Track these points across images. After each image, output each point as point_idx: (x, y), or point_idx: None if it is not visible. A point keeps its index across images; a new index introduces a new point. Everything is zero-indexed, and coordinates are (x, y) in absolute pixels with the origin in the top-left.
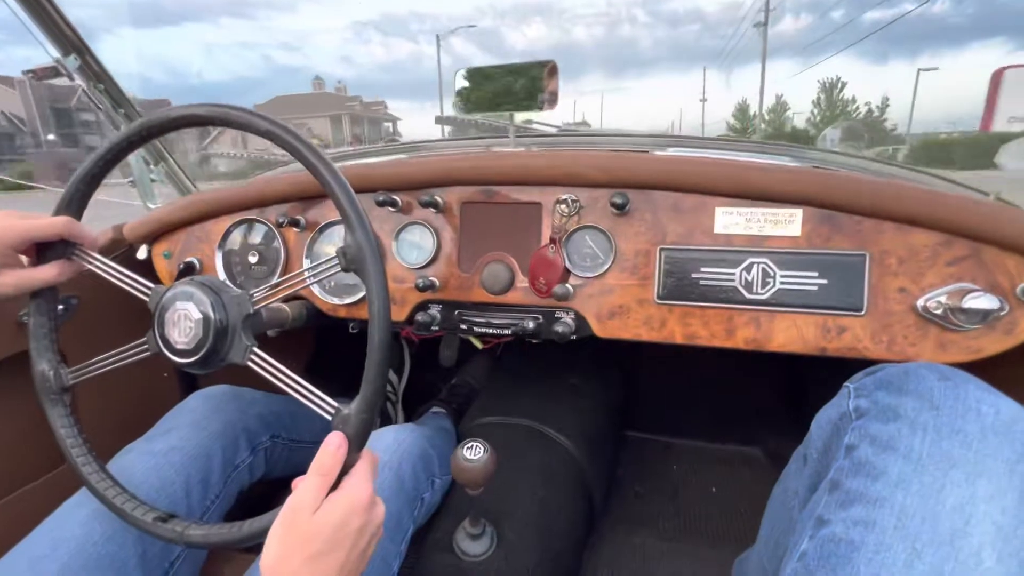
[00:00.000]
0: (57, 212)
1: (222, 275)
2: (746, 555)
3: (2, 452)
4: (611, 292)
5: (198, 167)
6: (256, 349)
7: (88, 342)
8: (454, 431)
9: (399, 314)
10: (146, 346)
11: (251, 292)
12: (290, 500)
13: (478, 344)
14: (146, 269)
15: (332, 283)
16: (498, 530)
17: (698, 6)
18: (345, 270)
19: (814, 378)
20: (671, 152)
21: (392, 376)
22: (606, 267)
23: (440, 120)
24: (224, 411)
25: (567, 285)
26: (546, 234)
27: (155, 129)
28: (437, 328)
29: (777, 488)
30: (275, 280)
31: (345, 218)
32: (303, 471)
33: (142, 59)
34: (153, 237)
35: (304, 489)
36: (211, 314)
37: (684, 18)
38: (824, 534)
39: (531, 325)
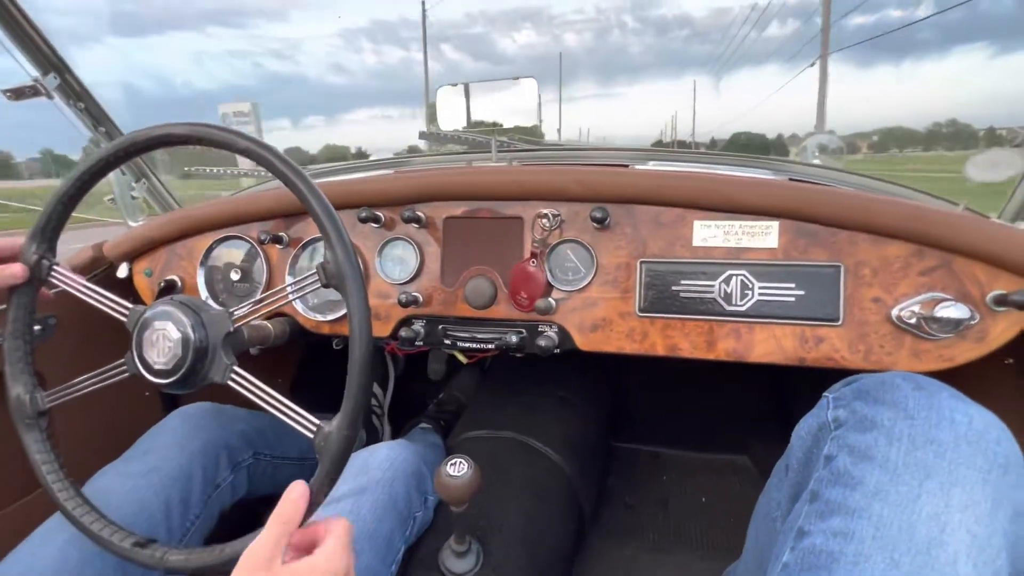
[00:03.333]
0: (33, 234)
1: (204, 293)
2: (734, 567)
3: None
4: (593, 305)
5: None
6: (236, 368)
7: (67, 363)
8: (443, 447)
9: (383, 330)
10: (124, 367)
11: (231, 310)
12: (249, 548)
13: (463, 359)
14: (127, 288)
15: (315, 300)
16: (484, 547)
17: (686, 12)
18: (325, 286)
19: (798, 387)
20: (651, 166)
21: (377, 390)
22: (588, 280)
23: (424, 136)
24: (204, 429)
25: (549, 299)
26: (528, 247)
27: (133, 149)
28: (421, 343)
29: (762, 499)
30: (257, 297)
31: (324, 234)
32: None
33: (129, 68)
34: (134, 255)
35: (263, 538)
36: (190, 334)
37: (672, 24)
38: (805, 545)
39: (514, 339)
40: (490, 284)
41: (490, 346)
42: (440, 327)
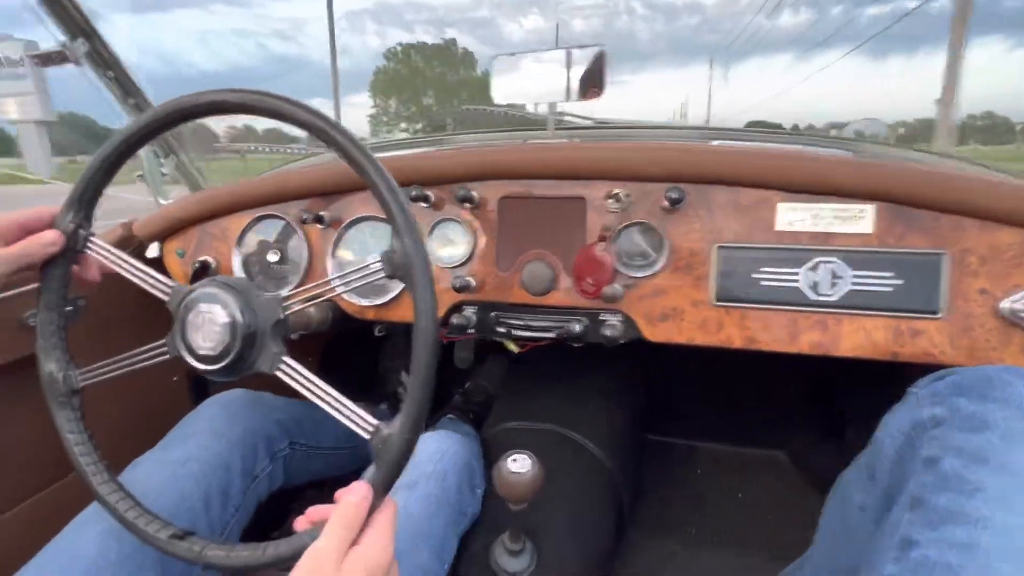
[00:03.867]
0: (70, 202)
1: (240, 275)
2: (794, 570)
3: (7, 461)
4: (663, 293)
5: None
6: (286, 357)
7: (95, 345)
8: (478, 438)
9: None
10: (164, 349)
11: (281, 294)
12: (310, 552)
13: (513, 348)
14: (157, 269)
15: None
16: (537, 545)
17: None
18: (390, 277)
19: (837, 380)
20: (723, 144)
21: (404, 377)
22: (658, 267)
23: (467, 112)
24: (243, 418)
25: (617, 286)
26: (592, 231)
27: (179, 115)
28: (473, 331)
29: (833, 501)
30: (301, 281)
31: (392, 222)
32: (321, 478)
33: (130, 46)
34: (165, 234)
35: (328, 540)
36: (238, 318)
37: (682, 11)
38: (915, 557)
39: (578, 328)
40: (549, 269)
41: (549, 335)
42: (493, 314)
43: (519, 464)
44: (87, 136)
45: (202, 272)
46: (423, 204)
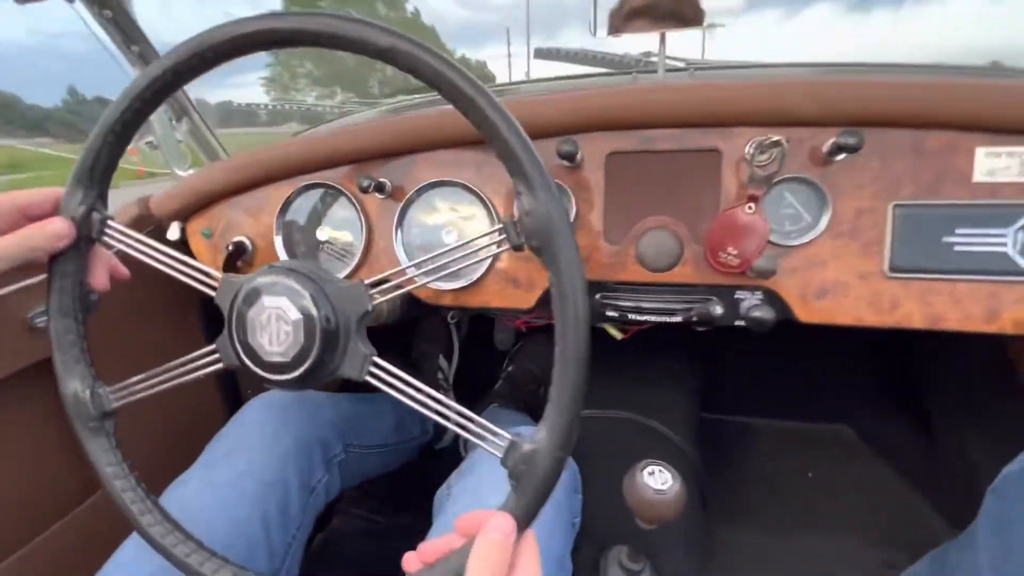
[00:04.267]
0: (77, 179)
1: (283, 256)
2: (946, 553)
3: (25, 486)
4: (822, 264)
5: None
6: (377, 359)
7: (113, 349)
8: None
9: (524, 300)
10: (216, 356)
11: (366, 281)
12: None
13: (616, 334)
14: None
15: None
16: (653, 560)
17: None
18: (518, 247)
19: (921, 349)
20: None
21: (442, 362)
22: (816, 231)
23: (541, 54)
24: (292, 422)
25: (772, 257)
26: (728, 190)
27: (212, 54)
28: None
29: (1008, 485)
30: (360, 262)
31: (521, 175)
32: (371, 480)
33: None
34: (188, 212)
35: None
36: (315, 313)
37: None
38: None
39: (718, 310)
40: (674, 239)
41: (673, 318)
42: (598, 296)
43: (658, 479)
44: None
45: (236, 255)
46: (567, 163)
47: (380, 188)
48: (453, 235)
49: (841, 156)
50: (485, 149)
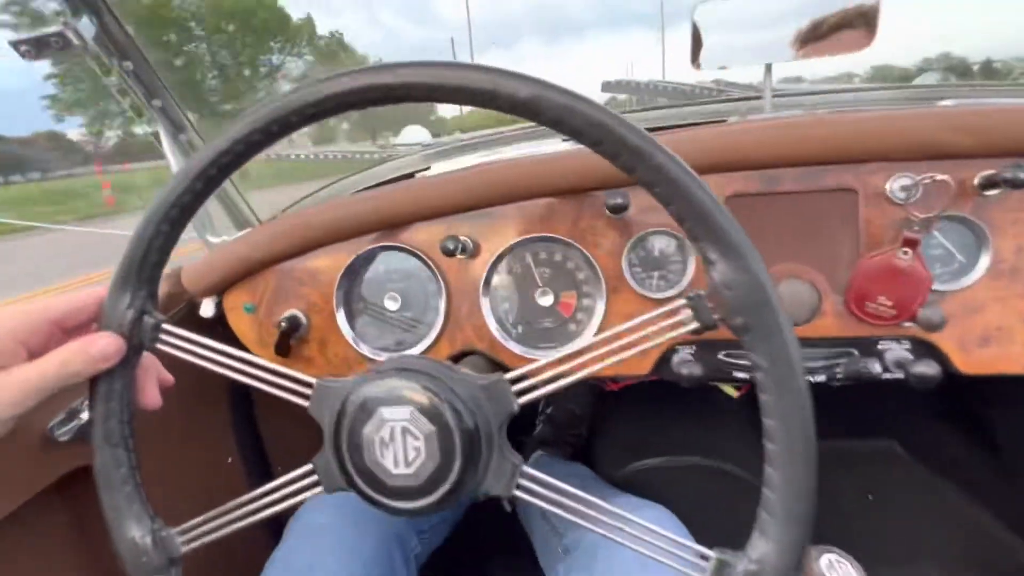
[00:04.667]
0: (123, 281)
1: (346, 331)
2: None
3: None
4: (981, 309)
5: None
6: (527, 468)
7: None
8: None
9: (641, 366)
10: (314, 478)
11: (509, 376)
12: None
13: (732, 392)
14: (213, 332)
15: (521, 327)
16: None
17: None
18: (706, 327)
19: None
20: (955, 103)
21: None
22: (976, 274)
23: (609, 87)
24: (365, 521)
25: (935, 304)
26: (871, 233)
27: (298, 118)
28: (696, 377)
29: None
30: (440, 335)
31: (714, 238)
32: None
33: None
34: (226, 284)
35: None
36: (450, 421)
37: None
38: None
39: (876, 368)
40: (811, 288)
41: (817, 377)
42: (721, 353)
43: (838, 570)
44: None
45: (289, 333)
46: (615, 214)
47: (462, 248)
48: (548, 298)
49: (995, 191)
50: (580, 200)
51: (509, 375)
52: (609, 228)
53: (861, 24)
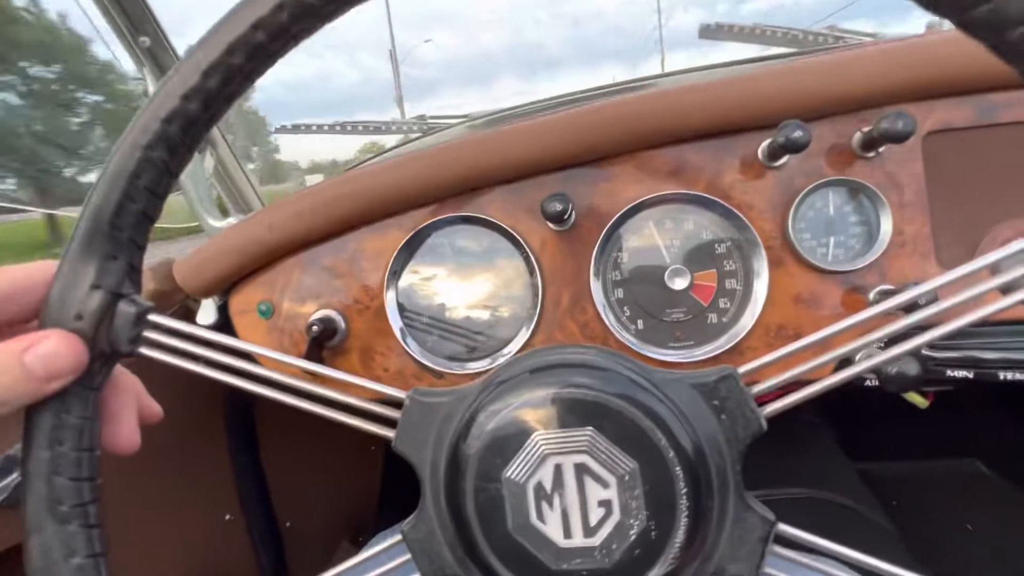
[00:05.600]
0: (88, 238)
1: (403, 338)
2: None
3: None
4: None
5: None
6: (782, 524)
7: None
8: None
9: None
10: (404, 558)
11: (737, 371)
12: None
13: (921, 402)
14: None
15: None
16: None
17: (598, 8)
18: None
19: None
20: None
21: None
22: None
23: (707, 32)
24: None
25: None
26: None
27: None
28: (910, 379)
29: None
30: (536, 328)
31: None
32: None
33: None
34: (233, 279)
35: None
36: (660, 446)
37: (584, 18)
38: None
39: None
40: None
41: None
42: (931, 349)
43: None
44: None
45: (322, 340)
46: (777, 160)
47: (558, 217)
48: (682, 279)
49: None
50: (724, 145)
51: (743, 368)
52: (765, 182)
53: None
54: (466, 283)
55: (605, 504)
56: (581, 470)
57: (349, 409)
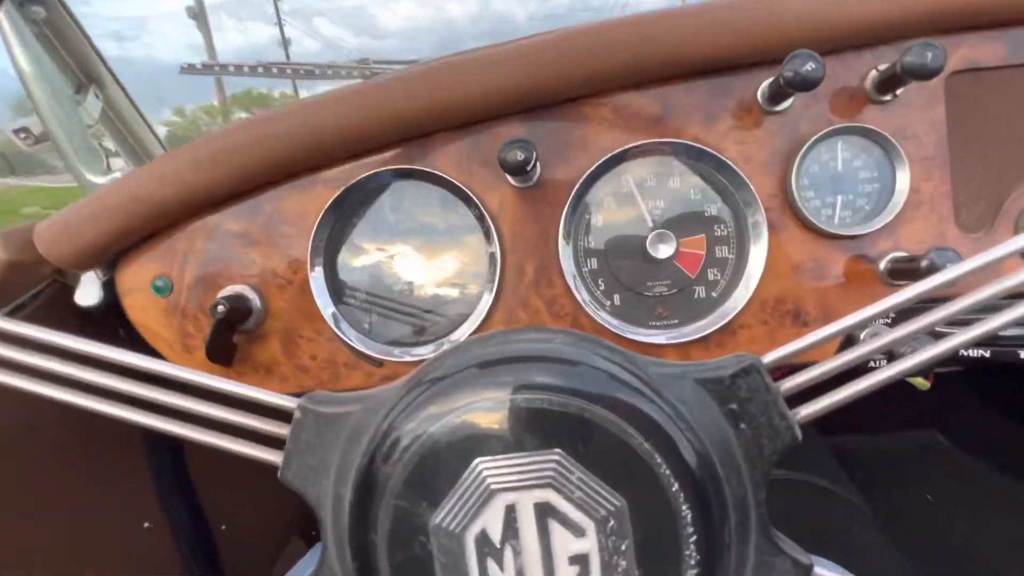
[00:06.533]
0: None
1: (328, 316)
2: None
3: None
4: None
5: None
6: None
7: None
8: None
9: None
10: None
11: (760, 361)
12: None
13: (923, 384)
14: (98, 328)
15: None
16: None
17: None
18: None
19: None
20: None
21: None
22: None
23: None
24: None
25: None
26: None
27: None
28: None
29: None
30: (490, 311)
31: None
32: None
33: None
34: (117, 250)
35: None
36: (659, 474)
37: None
38: None
39: None
40: None
41: None
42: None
43: None
44: None
45: (232, 323)
46: (777, 103)
47: (519, 168)
48: (666, 246)
49: None
50: (717, 85)
51: (769, 357)
52: (764, 130)
53: None
54: (411, 252)
55: (579, 560)
56: (544, 512)
57: (227, 427)
